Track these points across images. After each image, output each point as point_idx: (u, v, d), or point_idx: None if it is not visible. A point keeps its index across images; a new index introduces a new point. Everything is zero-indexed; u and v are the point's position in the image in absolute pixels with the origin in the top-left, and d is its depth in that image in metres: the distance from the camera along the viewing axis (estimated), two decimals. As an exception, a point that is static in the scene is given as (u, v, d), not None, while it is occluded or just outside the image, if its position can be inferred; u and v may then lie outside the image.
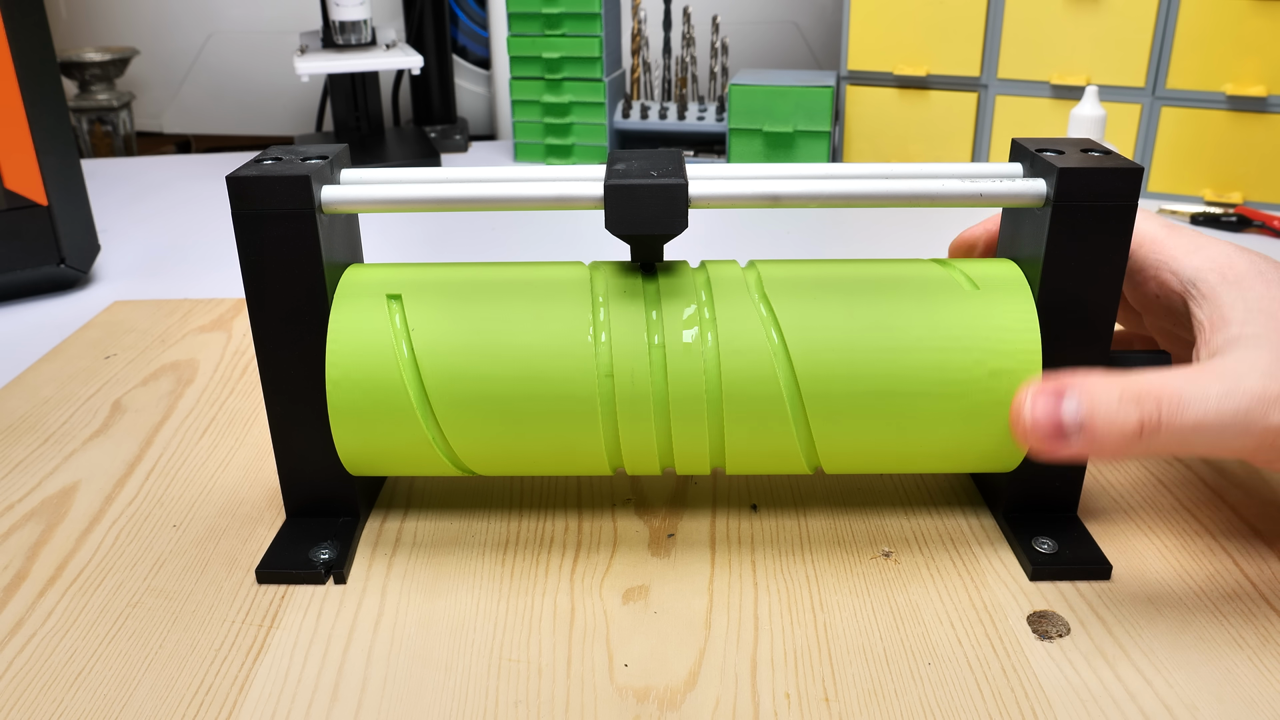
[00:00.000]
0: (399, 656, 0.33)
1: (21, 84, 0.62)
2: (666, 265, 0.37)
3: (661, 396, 0.35)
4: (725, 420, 0.35)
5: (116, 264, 0.75)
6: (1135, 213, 0.34)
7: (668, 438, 0.36)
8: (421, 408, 0.35)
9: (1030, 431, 0.32)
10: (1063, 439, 0.32)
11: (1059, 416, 0.32)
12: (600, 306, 0.36)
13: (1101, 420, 0.31)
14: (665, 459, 0.37)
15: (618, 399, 0.35)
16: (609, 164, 0.36)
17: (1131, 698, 0.31)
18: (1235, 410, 0.31)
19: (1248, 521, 0.40)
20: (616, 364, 0.35)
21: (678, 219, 0.34)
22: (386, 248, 0.77)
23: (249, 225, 0.34)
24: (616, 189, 0.34)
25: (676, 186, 0.34)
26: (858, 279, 0.36)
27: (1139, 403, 0.31)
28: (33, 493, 0.43)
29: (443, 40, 1.16)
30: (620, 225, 0.34)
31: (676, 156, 0.37)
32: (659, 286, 0.36)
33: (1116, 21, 0.83)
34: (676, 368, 0.35)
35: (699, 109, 1.02)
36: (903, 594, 0.36)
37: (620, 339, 0.35)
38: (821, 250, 0.77)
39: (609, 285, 0.36)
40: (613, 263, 0.38)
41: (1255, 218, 0.79)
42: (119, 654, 0.33)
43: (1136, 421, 0.31)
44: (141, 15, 1.26)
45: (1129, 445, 0.31)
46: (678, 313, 0.35)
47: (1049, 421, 0.32)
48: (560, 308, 0.35)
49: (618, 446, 0.36)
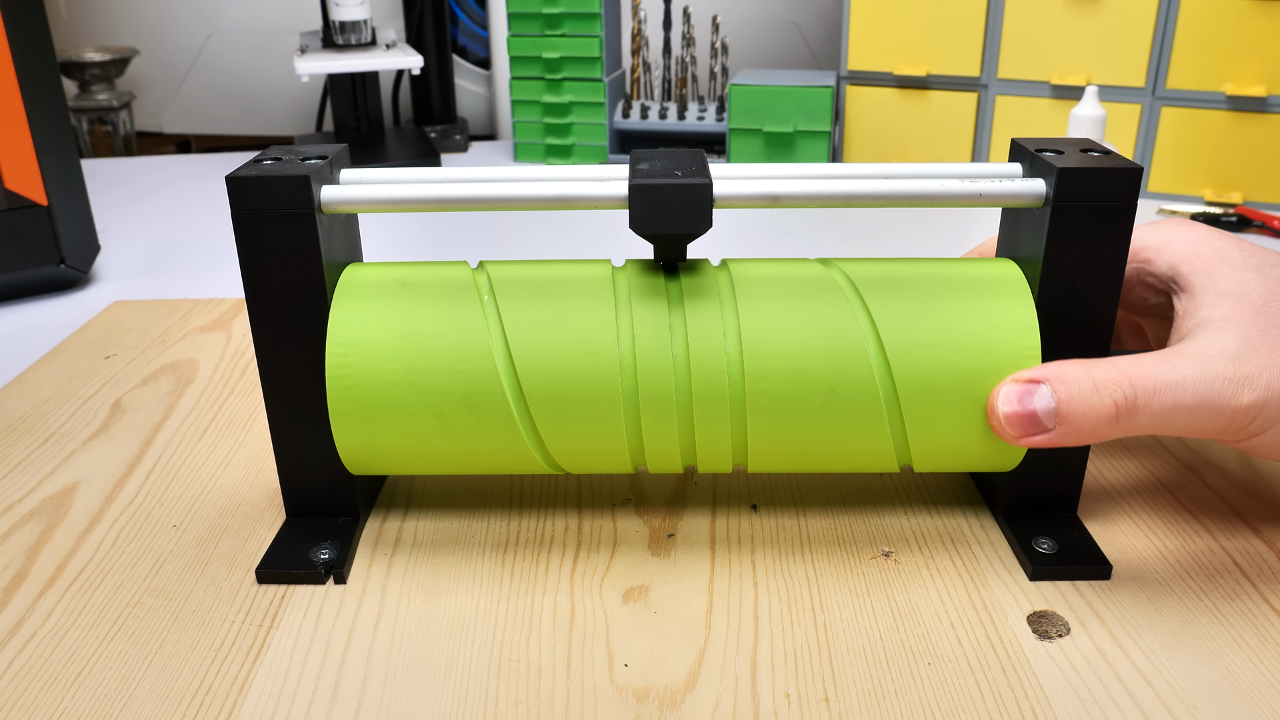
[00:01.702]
0: (399, 656, 0.33)
1: (21, 84, 0.62)
2: (689, 264, 0.37)
3: (685, 395, 0.35)
4: (748, 418, 0.35)
5: (116, 264, 0.75)
6: (1135, 213, 0.34)
7: (690, 436, 0.36)
8: (423, 407, 0.35)
9: (1005, 424, 0.33)
10: (1039, 429, 0.33)
11: (1033, 407, 0.33)
12: (626, 305, 0.36)
13: (1077, 407, 0.32)
14: (689, 457, 0.37)
15: (641, 397, 0.35)
16: (632, 163, 0.36)
17: (1131, 698, 0.31)
18: (1209, 392, 0.32)
19: (1248, 522, 0.40)
20: (640, 363, 0.35)
21: (702, 219, 0.34)
22: (386, 248, 0.77)
23: (249, 225, 0.34)
24: (641, 189, 0.34)
25: (701, 186, 0.34)
26: (859, 279, 0.36)
27: (1114, 387, 0.32)
28: (33, 493, 0.43)
29: (443, 40, 1.16)
30: (645, 225, 0.34)
31: (699, 156, 0.36)
32: (681, 286, 0.36)
33: (1116, 21, 0.83)
34: (700, 367, 0.35)
35: (699, 109, 1.02)
36: (903, 594, 0.36)
37: (645, 338, 0.35)
38: (821, 250, 0.77)
39: (631, 285, 0.36)
40: (636, 261, 0.38)
41: (1255, 218, 0.79)
42: (119, 654, 0.33)
43: (1111, 405, 0.32)
44: (141, 15, 1.26)
45: (1106, 429, 0.32)
46: (700, 312, 0.35)
47: (1023, 412, 0.33)
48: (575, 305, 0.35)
49: (640, 445, 0.36)
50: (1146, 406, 0.32)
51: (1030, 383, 0.33)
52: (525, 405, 0.35)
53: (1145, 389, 0.32)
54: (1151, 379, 0.32)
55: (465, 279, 0.37)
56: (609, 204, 0.35)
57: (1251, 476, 0.43)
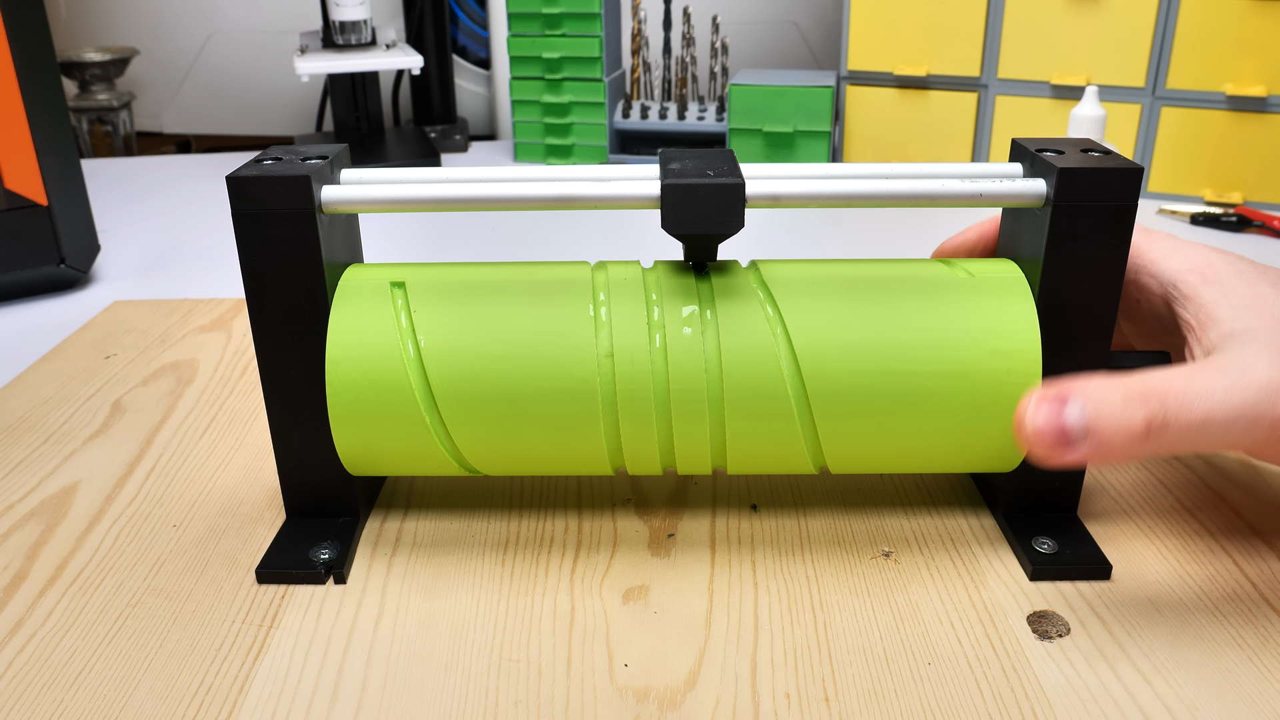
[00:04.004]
0: (399, 656, 0.33)
1: (21, 84, 0.62)
2: (719, 265, 0.37)
3: (717, 396, 0.35)
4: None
5: (116, 264, 0.75)
6: (1135, 213, 0.34)
7: (721, 436, 0.36)
8: (423, 407, 0.35)
9: (1034, 439, 0.31)
10: (1068, 445, 0.31)
11: (1062, 422, 0.31)
12: (655, 305, 0.36)
13: (1107, 423, 0.31)
14: (719, 458, 0.37)
15: (673, 398, 0.35)
16: (662, 163, 0.36)
17: (1131, 698, 0.31)
18: (1243, 403, 0.31)
19: (1248, 522, 0.40)
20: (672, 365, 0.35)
21: (735, 219, 0.34)
22: (387, 247, 0.77)
23: (249, 225, 0.34)
24: (675, 189, 0.34)
25: (734, 186, 0.34)
26: (859, 278, 0.36)
27: (1144, 402, 0.31)
28: (33, 493, 0.43)
29: (443, 40, 1.16)
30: (677, 225, 0.34)
31: (730, 156, 0.36)
32: (713, 286, 0.36)
33: (1116, 21, 0.83)
34: (731, 365, 0.35)
35: (699, 109, 1.02)
36: (903, 594, 0.36)
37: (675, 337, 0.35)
38: (821, 250, 0.77)
39: (662, 285, 0.36)
40: (667, 262, 0.38)
41: (1255, 218, 0.79)
42: (119, 654, 0.33)
43: (1143, 421, 0.31)
44: (141, 15, 1.26)
45: (1137, 446, 0.31)
46: (731, 311, 0.35)
47: (1053, 428, 0.31)
48: (561, 306, 0.35)
49: (671, 446, 0.36)
50: (1178, 420, 0.31)
51: (1060, 398, 0.32)
52: (539, 406, 0.35)
53: (1176, 402, 0.31)
54: (1181, 391, 0.31)
55: (471, 279, 0.37)
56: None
57: (1252, 476, 0.43)
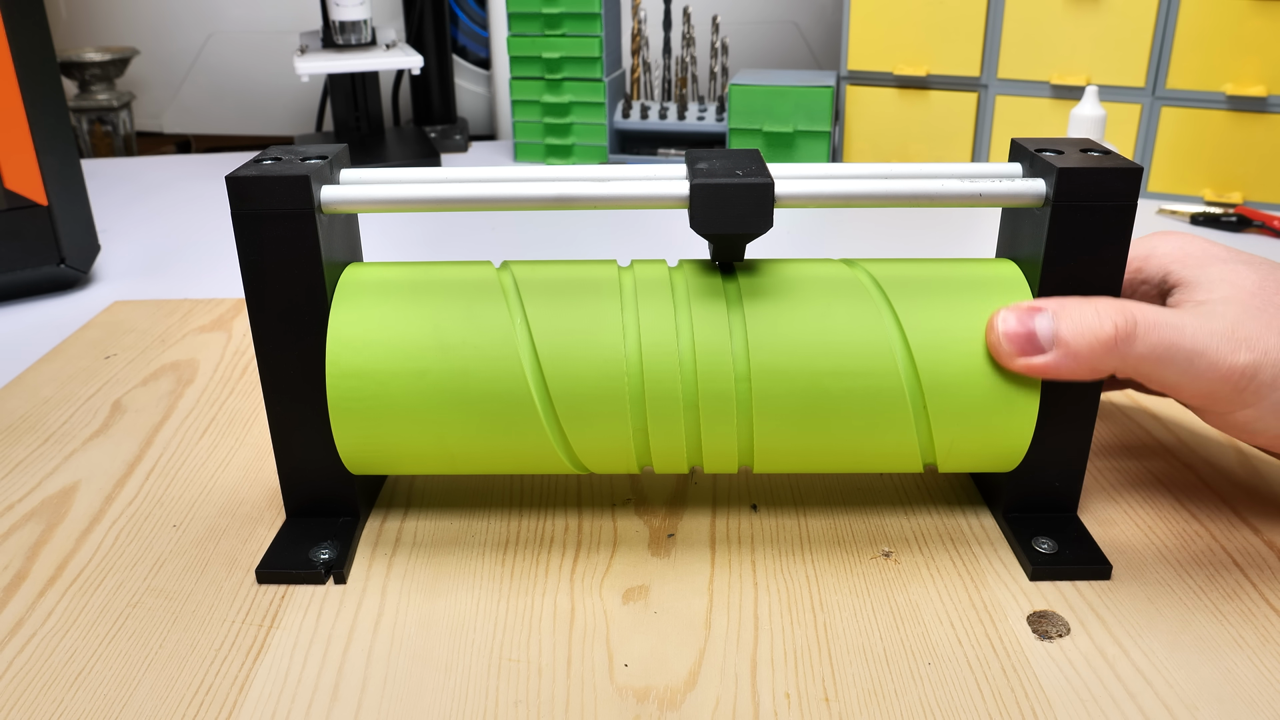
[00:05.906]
0: (399, 656, 0.33)
1: (21, 84, 0.62)
2: (746, 264, 0.37)
3: (745, 395, 0.35)
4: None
5: (116, 264, 0.75)
6: (1135, 213, 0.34)
7: (749, 436, 0.36)
8: (424, 407, 0.35)
9: (1003, 341, 0.34)
10: (1036, 349, 0.33)
11: (1031, 327, 0.33)
12: (682, 306, 0.36)
13: (1076, 327, 0.33)
14: (745, 457, 0.37)
15: (701, 396, 0.35)
16: (689, 163, 0.36)
17: (1131, 698, 0.31)
18: (1207, 342, 0.33)
19: (1248, 522, 0.40)
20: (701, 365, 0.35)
21: (764, 219, 0.34)
22: (387, 248, 0.77)
23: (249, 225, 0.34)
24: (704, 188, 0.34)
25: (763, 186, 0.34)
26: (860, 279, 0.36)
27: (1115, 312, 0.33)
28: (33, 493, 0.43)
29: (443, 40, 1.16)
30: (706, 225, 0.34)
31: (756, 156, 0.36)
32: (739, 286, 0.36)
33: (1116, 21, 0.83)
34: (760, 364, 0.35)
35: (699, 109, 1.02)
36: (903, 594, 0.36)
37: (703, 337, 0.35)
38: (821, 250, 0.77)
39: (690, 284, 0.36)
40: (693, 261, 0.38)
41: (1255, 218, 0.79)
42: (119, 654, 0.33)
43: (1112, 328, 0.32)
44: (141, 15, 1.26)
45: (1103, 355, 0.33)
46: (759, 312, 0.35)
47: (1022, 330, 0.33)
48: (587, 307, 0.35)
49: (699, 445, 0.36)
50: (1145, 337, 0.33)
51: (1032, 308, 0.34)
52: (551, 406, 0.35)
53: (1146, 321, 0.33)
54: (1153, 314, 0.33)
55: (478, 279, 0.36)
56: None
57: (1252, 476, 0.43)
